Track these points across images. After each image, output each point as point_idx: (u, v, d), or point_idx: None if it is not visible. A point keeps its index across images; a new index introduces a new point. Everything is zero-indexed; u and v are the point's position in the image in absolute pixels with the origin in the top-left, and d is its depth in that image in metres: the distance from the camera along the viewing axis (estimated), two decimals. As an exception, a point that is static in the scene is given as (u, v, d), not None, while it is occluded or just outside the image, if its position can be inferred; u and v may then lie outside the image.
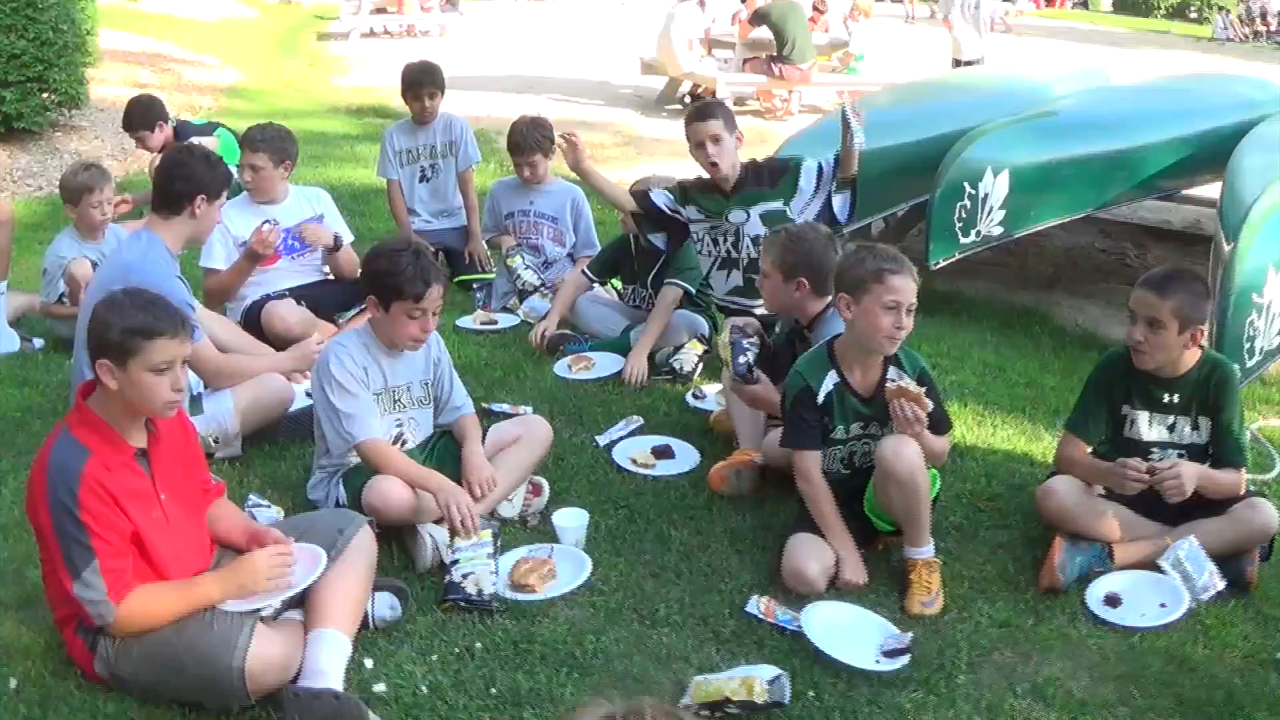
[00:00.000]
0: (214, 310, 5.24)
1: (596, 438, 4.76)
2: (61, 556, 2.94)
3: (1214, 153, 7.30)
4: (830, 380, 3.85)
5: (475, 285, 6.66)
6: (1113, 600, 3.73)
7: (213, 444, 4.36)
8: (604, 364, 5.50)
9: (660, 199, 5.41)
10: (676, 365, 5.42)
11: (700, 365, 5.48)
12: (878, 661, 3.37)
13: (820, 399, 3.85)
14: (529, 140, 6.33)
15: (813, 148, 6.41)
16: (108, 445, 3.00)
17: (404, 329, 3.86)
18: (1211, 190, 8.04)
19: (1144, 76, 10.84)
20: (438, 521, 3.83)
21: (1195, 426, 3.95)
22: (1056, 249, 8.58)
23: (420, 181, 6.95)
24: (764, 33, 13.80)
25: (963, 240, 6.45)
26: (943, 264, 6.39)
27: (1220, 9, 34.36)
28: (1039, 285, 7.89)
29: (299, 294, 5.55)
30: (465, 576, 3.50)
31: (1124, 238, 8.87)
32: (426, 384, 4.10)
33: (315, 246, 5.63)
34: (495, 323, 6.17)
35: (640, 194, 5.47)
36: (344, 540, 3.30)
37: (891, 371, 3.81)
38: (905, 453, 3.64)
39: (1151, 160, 6.92)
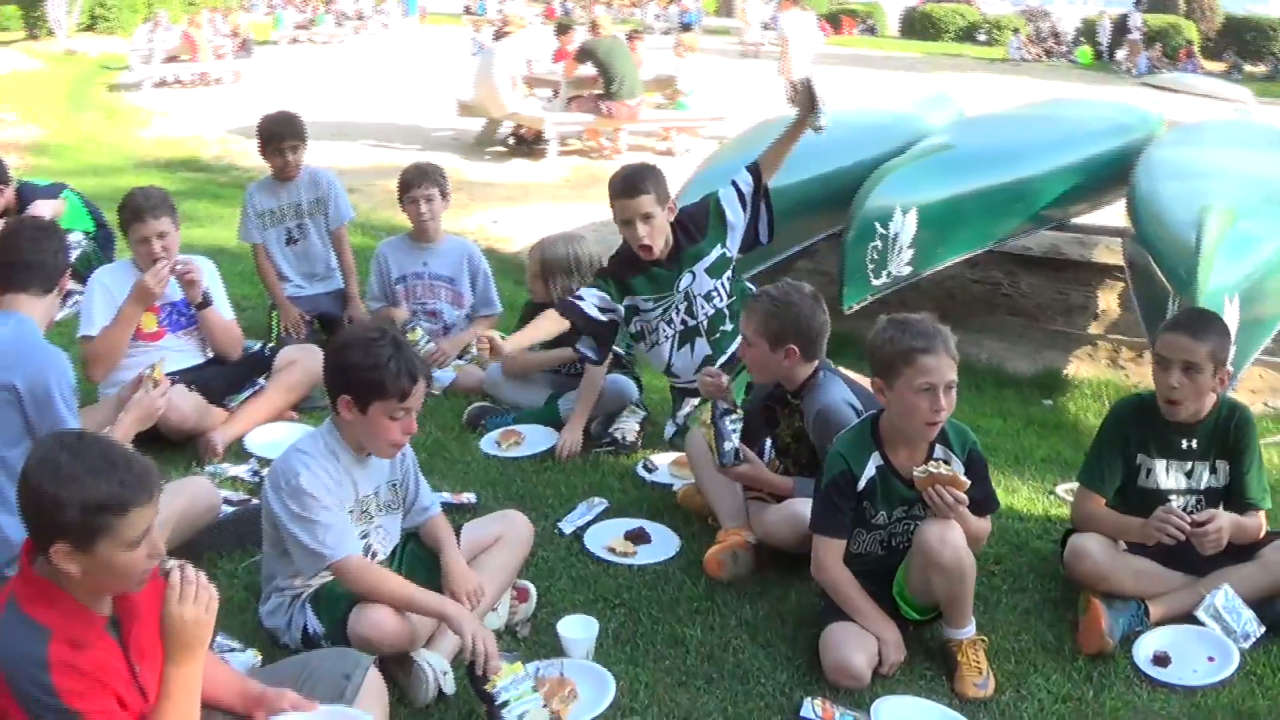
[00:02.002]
0: (96, 377, 4.76)
1: (559, 525, 4.30)
2: None
3: (1098, 179, 7.42)
4: (874, 464, 3.51)
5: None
6: (1161, 659, 3.55)
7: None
8: (535, 438, 5.05)
9: (592, 305, 4.70)
10: (618, 436, 5.01)
11: (641, 434, 5.09)
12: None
13: (862, 484, 3.51)
14: (427, 173, 5.86)
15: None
16: (71, 620, 2.39)
17: (385, 433, 3.32)
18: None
19: (997, 105, 10.99)
20: (426, 644, 3.35)
21: (1214, 471, 3.82)
22: (931, 283, 8.48)
23: (288, 244, 6.31)
24: (589, 69, 13.53)
25: (874, 282, 6.28)
26: (855, 308, 6.19)
27: (1013, 30, 36.04)
28: (927, 320, 7.78)
29: (184, 378, 4.89)
30: (522, 718, 3.01)
31: (992, 267, 8.90)
32: (395, 485, 3.57)
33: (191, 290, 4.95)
34: (398, 398, 5.62)
35: (569, 306, 4.76)
36: (353, 690, 2.81)
37: (938, 450, 3.50)
38: (951, 539, 3.34)
39: (1046, 190, 6.94)
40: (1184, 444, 3.78)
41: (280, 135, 6.12)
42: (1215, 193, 5.60)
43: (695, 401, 5.01)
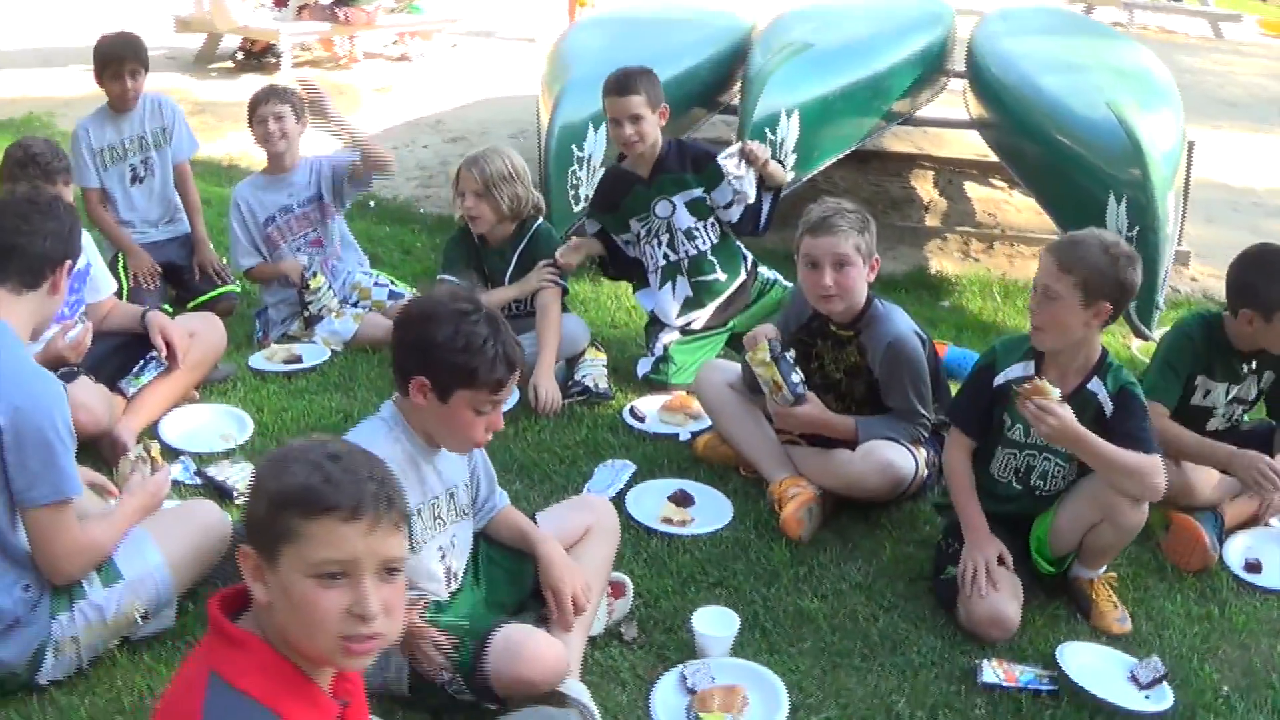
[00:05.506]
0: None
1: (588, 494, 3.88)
2: None
3: (930, 71, 7.42)
4: (1021, 369, 3.35)
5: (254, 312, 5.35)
6: (1254, 566, 3.63)
7: (139, 621, 3.08)
8: (494, 396, 4.55)
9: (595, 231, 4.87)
10: (589, 384, 4.58)
11: (610, 378, 4.71)
12: (1147, 698, 3.00)
13: (999, 381, 3.39)
14: (275, 90, 5.21)
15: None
16: (304, 705, 1.80)
17: (466, 428, 2.76)
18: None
19: None
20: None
21: (1260, 380, 3.88)
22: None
23: (132, 184, 5.44)
24: (319, -26, 12.44)
25: (769, 191, 6.05)
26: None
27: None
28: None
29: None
30: None
31: (802, 161, 8.82)
32: (468, 484, 3.03)
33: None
34: (300, 359, 4.89)
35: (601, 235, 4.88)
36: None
37: (1093, 383, 3.29)
38: (1143, 508, 3.23)
39: (896, 85, 6.85)
40: (1245, 368, 3.81)
41: (121, 57, 5.25)
42: (1109, 86, 5.65)
43: (675, 333, 4.81)
